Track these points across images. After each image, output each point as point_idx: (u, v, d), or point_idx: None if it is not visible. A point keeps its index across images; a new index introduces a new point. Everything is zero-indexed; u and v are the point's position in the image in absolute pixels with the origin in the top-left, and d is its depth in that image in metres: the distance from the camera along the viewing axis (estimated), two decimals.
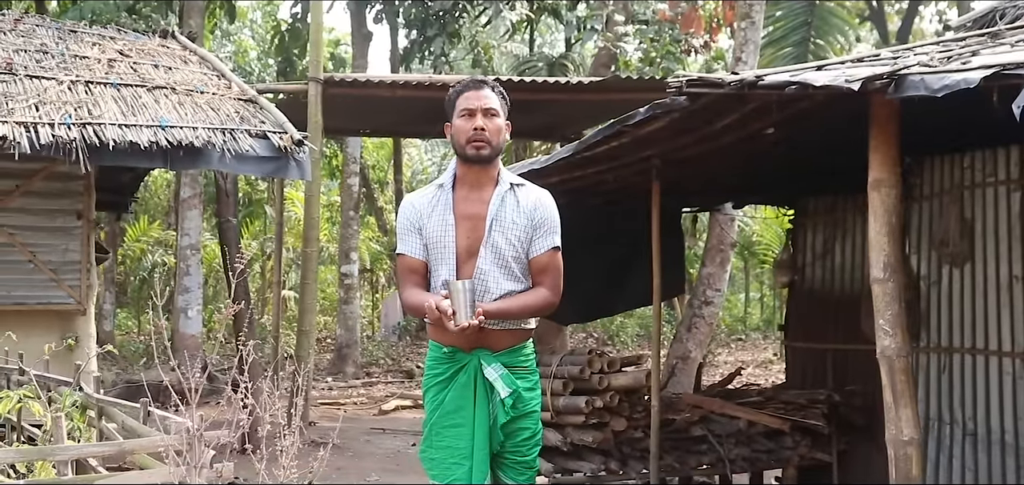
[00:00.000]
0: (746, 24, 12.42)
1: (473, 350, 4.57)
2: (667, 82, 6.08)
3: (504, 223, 4.54)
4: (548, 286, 4.63)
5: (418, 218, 4.64)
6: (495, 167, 4.63)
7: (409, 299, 4.67)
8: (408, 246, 4.65)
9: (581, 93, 12.66)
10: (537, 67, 19.96)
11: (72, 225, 8.19)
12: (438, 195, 4.64)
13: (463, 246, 4.56)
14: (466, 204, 4.59)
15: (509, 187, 4.60)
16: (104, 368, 18.33)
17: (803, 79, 5.49)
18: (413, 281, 4.65)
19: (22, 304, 8.04)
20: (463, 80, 4.76)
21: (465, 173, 4.62)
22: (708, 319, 12.63)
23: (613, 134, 6.96)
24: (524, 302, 4.58)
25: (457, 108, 4.58)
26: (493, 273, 4.52)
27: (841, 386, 9.00)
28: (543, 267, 4.61)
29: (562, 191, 8.77)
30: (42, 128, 7.20)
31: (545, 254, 4.61)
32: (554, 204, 4.69)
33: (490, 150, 4.54)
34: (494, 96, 4.63)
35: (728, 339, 26.43)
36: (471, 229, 4.56)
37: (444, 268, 4.56)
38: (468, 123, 4.51)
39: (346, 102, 12.46)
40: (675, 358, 12.50)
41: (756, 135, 6.90)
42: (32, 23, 9.50)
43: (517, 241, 4.54)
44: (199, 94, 8.33)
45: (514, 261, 4.55)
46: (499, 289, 4.53)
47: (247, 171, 8.40)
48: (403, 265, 4.70)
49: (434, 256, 4.61)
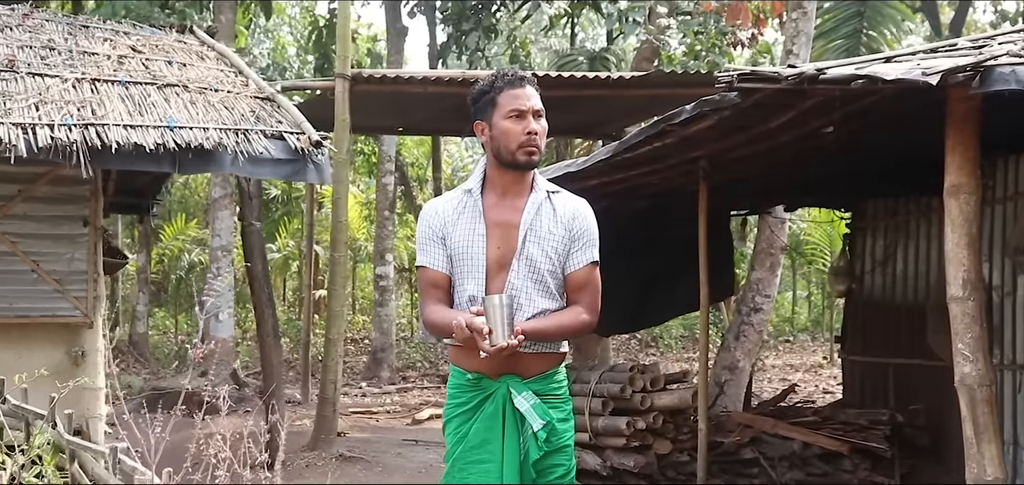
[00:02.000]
0: (798, 14, 11.74)
1: (500, 377, 4.04)
2: (716, 77, 5.53)
3: (540, 234, 4.02)
4: (585, 305, 4.09)
5: (442, 226, 4.11)
6: (530, 172, 4.09)
7: (432, 317, 4.12)
8: (430, 257, 4.12)
9: (623, 89, 12.03)
10: (577, 62, 19.38)
11: (78, 233, 7.67)
12: (465, 201, 4.11)
13: (494, 258, 4.04)
14: (498, 211, 4.06)
15: (545, 195, 4.08)
16: (133, 373, 17.98)
17: (872, 72, 4.90)
18: (436, 297, 4.12)
19: (25, 317, 7.54)
20: (500, 73, 4.18)
21: (498, 177, 4.08)
22: (757, 327, 11.95)
23: (656, 134, 6.39)
24: (561, 322, 4.05)
25: (500, 107, 4.02)
26: (527, 289, 4.01)
27: (904, 404, 8.36)
28: (581, 284, 4.08)
29: (602, 194, 8.26)
30: (41, 130, 6.67)
31: (583, 269, 4.07)
32: (593, 215, 4.15)
33: (539, 156, 4.03)
34: (537, 94, 4.09)
35: (776, 341, 25.65)
36: (503, 239, 4.04)
37: (471, 282, 4.04)
38: (518, 125, 3.96)
39: (377, 99, 11.96)
40: (722, 368, 11.83)
41: (814, 134, 6.30)
42: (41, 18, 9.03)
43: (554, 254, 4.02)
44: (213, 92, 7.78)
45: (550, 276, 4.03)
46: (533, 307, 4.01)
47: (262, 174, 7.85)
48: (425, 279, 4.17)
49: (460, 269, 4.08)
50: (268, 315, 10.48)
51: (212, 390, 13.94)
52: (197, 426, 11.89)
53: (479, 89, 4.12)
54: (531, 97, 4.02)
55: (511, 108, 3.98)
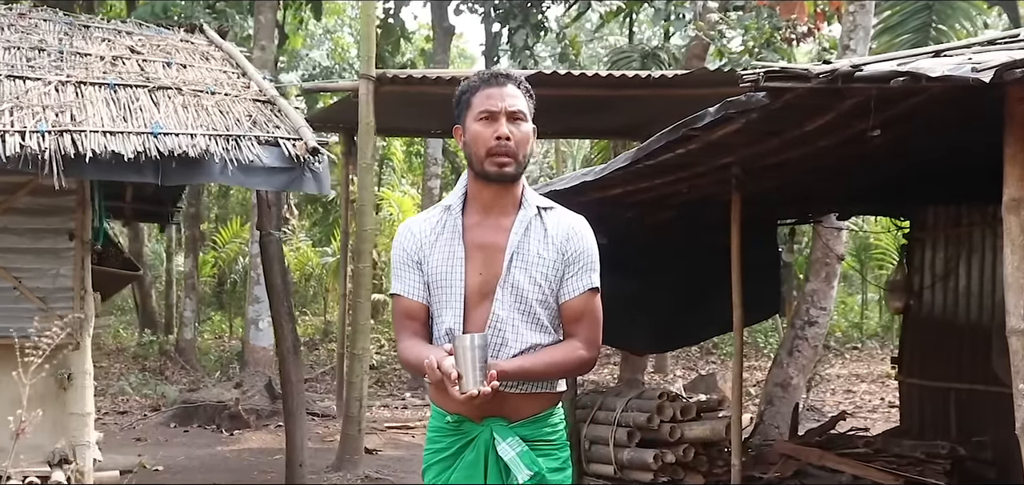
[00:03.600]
0: (855, 7, 10.97)
1: (484, 420, 3.50)
2: (740, 76, 4.89)
3: (528, 257, 3.45)
4: (583, 339, 3.52)
5: (418, 249, 3.56)
6: (518, 186, 3.52)
7: (405, 353, 3.61)
8: (404, 284, 3.58)
9: (668, 88, 11.35)
10: (631, 59, 18.70)
11: (63, 247, 7.19)
12: (444, 219, 3.56)
13: (474, 285, 3.48)
14: (479, 231, 3.52)
15: (536, 212, 3.51)
16: (170, 384, 17.63)
17: (914, 68, 4.23)
18: (411, 330, 3.58)
19: (5, 337, 6.99)
20: (479, 72, 3.63)
21: (479, 192, 3.52)
22: (812, 341, 11.18)
23: (678, 139, 5.72)
24: (551, 359, 3.48)
25: (473, 108, 3.48)
26: (512, 321, 3.46)
27: (967, 434, 7.60)
28: (577, 314, 3.50)
29: (628, 204, 7.61)
30: (11, 137, 6.15)
31: (580, 297, 3.49)
32: (591, 234, 3.58)
33: (516, 166, 3.44)
34: (521, 94, 3.51)
35: (842, 348, 24.63)
36: (485, 263, 3.49)
37: (448, 313, 3.49)
38: (488, 129, 3.42)
39: (407, 101, 11.45)
40: (774, 385, 11.09)
41: (857, 138, 5.58)
42: (38, 17, 8.58)
43: (544, 280, 3.46)
44: (209, 95, 7.24)
45: (540, 306, 3.47)
46: (520, 342, 3.46)
47: (254, 184, 7.31)
48: (398, 309, 3.63)
49: (437, 298, 3.53)
50: (288, 330, 9.91)
51: (237, 404, 13.65)
52: (224, 442, 11.47)
53: (459, 89, 3.60)
54: (507, 97, 3.45)
55: (482, 109, 3.44)
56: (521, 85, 3.54)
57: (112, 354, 21.67)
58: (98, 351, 21.74)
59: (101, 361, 20.50)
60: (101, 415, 14.54)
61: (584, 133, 17.34)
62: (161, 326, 23.21)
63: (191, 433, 12.98)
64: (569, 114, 12.25)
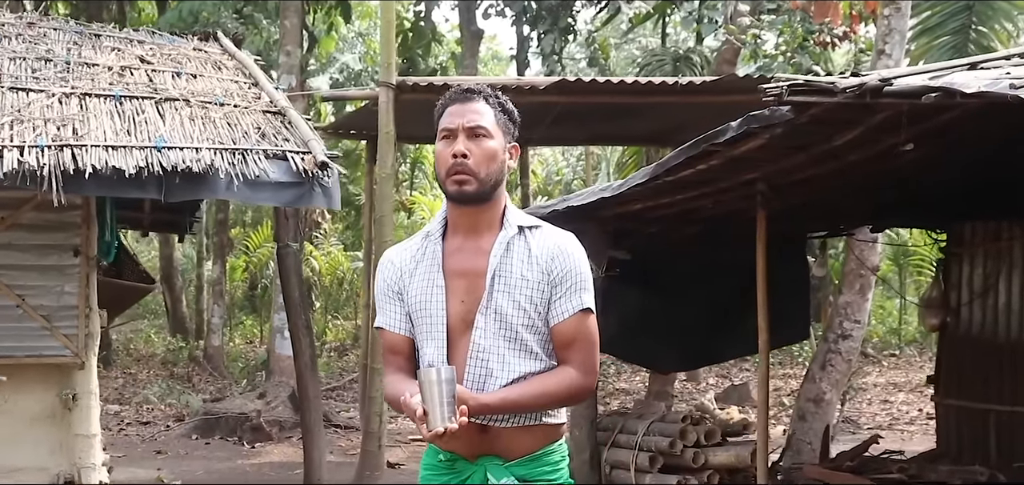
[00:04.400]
0: (890, 10, 10.59)
1: (478, 459, 3.28)
2: (762, 88, 4.61)
3: (510, 279, 3.23)
4: (577, 364, 3.26)
5: (398, 279, 3.35)
6: (496, 206, 3.28)
7: (386, 391, 3.45)
8: (386, 317, 3.37)
9: (696, 95, 11.05)
10: (663, 63, 18.40)
11: (68, 264, 7.02)
12: (424, 247, 3.35)
13: (457, 314, 3.26)
14: (460, 257, 3.29)
15: (517, 231, 3.27)
16: (197, 392, 17.49)
17: (947, 83, 3.92)
18: (395, 365, 3.37)
19: (9, 356, 6.88)
20: (451, 91, 3.40)
21: (457, 217, 3.31)
22: (845, 355, 10.81)
23: (698, 155, 5.42)
24: (541, 389, 3.23)
25: (438, 128, 3.29)
26: (497, 350, 3.22)
27: (1007, 459, 7.24)
28: (568, 338, 3.24)
29: (650, 219, 7.33)
30: (9, 152, 5.96)
31: (570, 320, 3.23)
32: (581, 250, 3.31)
33: (476, 185, 3.20)
34: (487, 110, 3.28)
35: (879, 355, 24.13)
36: (467, 290, 3.26)
37: (431, 345, 3.26)
38: (447, 149, 3.22)
39: (431, 107, 11.17)
40: (806, 400, 10.74)
41: (890, 152, 5.29)
42: (48, 26, 8.40)
43: (529, 304, 3.22)
44: (218, 107, 7.03)
45: (527, 331, 3.23)
46: (507, 372, 3.22)
47: (262, 200, 7.11)
48: (383, 344, 3.46)
49: (419, 329, 3.31)
50: (305, 344, 9.71)
51: (258, 416, 13.47)
52: (245, 455, 11.28)
53: (435, 110, 3.38)
54: (467, 113, 3.24)
55: (442, 128, 3.26)
56: (490, 100, 3.32)
57: (142, 360, 21.62)
58: (128, 357, 21.73)
59: (130, 367, 20.47)
60: (124, 425, 14.45)
61: (612, 140, 17.10)
62: (192, 331, 23.13)
63: (213, 445, 12.82)
64: (595, 121, 12.01)
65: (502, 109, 3.33)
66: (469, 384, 3.20)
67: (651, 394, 13.93)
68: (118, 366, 20.13)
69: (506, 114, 3.34)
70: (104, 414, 15.22)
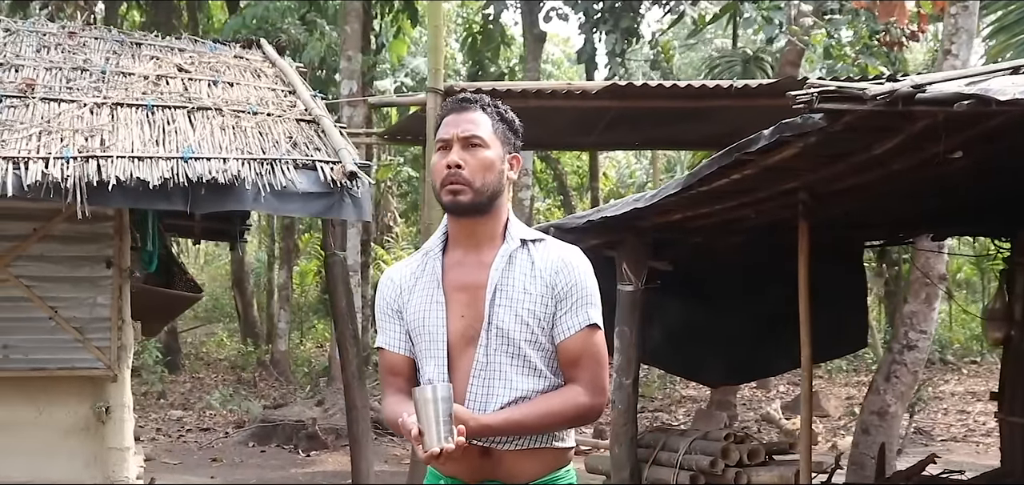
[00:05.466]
0: (958, 9, 10.19)
1: (480, 483, 3.16)
2: (791, 95, 4.39)
3: (512, 293, 3.12)
4: (584, 382, 3.13)
5: (397, 297, 3.27)
6: (496, 219, 3.18)
7: (385, 412, 3.38)
8: (386, 337, 3.29)
9: (755, 98, 10.73)
10: (732, 64, 18.07)
11: (100, 275, 6.96)
12: (424, 263, 3.25)
13: (457, 330, 3.15)
14: (460, 272, 3.20)
15: (520, 244, 3.16)
16: (261, 397, 17.55)
17: (982, 90, 3.67)
18: (395, 386, 3.27)
19: (42, 368, 6.83)
20: (448, 100, 3.35)
21: (456, 230, 3.23)
22: (911, 367, 10.44)
23: (732, 164, 5.18)
24: (546, 409, 3.10)
25: (435, 139, 3.22)
26: (500, 367, 3.11)
27: None
28: (574, 356, 3.13)
29: (691, 229, 7.08)
30: (35, 163, 5.90)
31: (576, 336, 3.12)
32: (587, 264, 3.19)
33: (471, 195, 3.10)
34: (484, 119, 3.18)
35: (959, 362, 23.41)
36: (468, 305, 3.15)
37: (430, 364, 3.16)
38: (442, 160, 3.14)
39: None
40: (870, 412, 10.39)
41: (937, 159, 5.00)
42: (89, 35, 8.40)
43: (532, 319, 3.11)
44: (251, 115, 6.92)
45: (530, 347, 3.11)
46: (509, 391, 3.10)
47: (290, 211, 7.00)
48: (382, 364, 3.34)
49: (419, 347, 3.21)
50: (352, 355, 9.62)
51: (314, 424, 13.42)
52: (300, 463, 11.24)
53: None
54: (462, 123, 3.16)
55: (438, 138, 3.20)
56: (488, 109, 3.21)
57: (211, 364, 21.80)
58: (198, 361, 21.94)
59: (199, 371, 20.64)
60: (184, 432, 14.51)
61: (670, 144, 16.81)
62: (262, 336, 23.28)
63: (268, 453, 12.83)
64: (650, 125, 11.73)
65: (501, 119, 3.22)
66: (471, 403, 3.07)
67: (713, 403, 13.67)
68: (187, 370, 20.33)
69: (505, 124, 3.23)
70: (166, 420, 15.40)
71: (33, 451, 6.99)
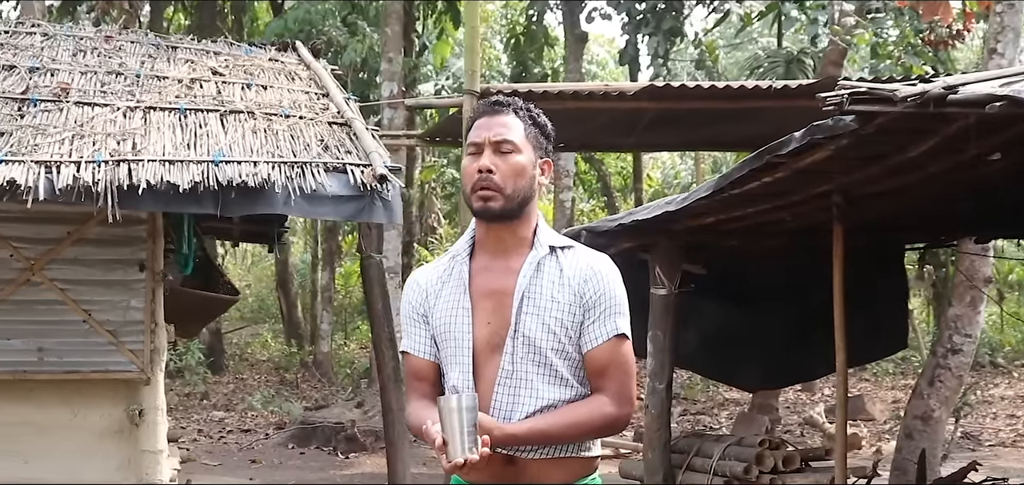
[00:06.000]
0: (1003, 7, 10.00)
1: None
2: (821, 97, 4.32)
3: (540, 301, 3.08)
4: (611, 393, 3.10)
5: (423, 301, 3.23)
6: (526, 224, 3.15)
7: (408, 419, 3.30)
8: (411, 342, 3.26)
9: (796, 99, 10.60)
10: (776, 65, 17.90)
11: (134, 278, 6.99)
12: (450, 268, 3.22)
13: (482, 336, 3.12)
14: (487, 277, 3.16)
15: (549, 251, 3.13)
16: (302, 398, 17.61)
17: (1014, 92, 3.58)
18: (419, 391, 3.24)
19: (76, 371, 6.87)
20: (480, 104, 3.32)
21: (484, 235, 3.19)
22: (955, 371, 10.26)
23: (763, 167, 5.11)
24: (573, 419, 3.07)
25: (466, 142, 3.27)
26: (527, 375, 3.08)
27: None
28: (602, 365, 3.10)
29: (725, 232, 6.99)
30: (66, 167, 5.91)
31: (604, 346, 3.09)
32: (616, 273, 3.15)
33: (502, 201, 3.07)
34: (516, 123, 3.14)
35: (1010, 366, 22.99)
36: (494, 311, 3.12)
37: (455, 370, 3.13)
38: (473, 164, 3.11)
39: None
40: (913, 417, 10.22)
41: (975, 162, 4.90)
42: (125, 39, 8.43)
43: (559, 327, 3.07)
44: (283, 118, 6.92)
45: (557, 356, 3.08)
46: (535, 399, 3.07)
47: (321, 214, 7.02)
48: (407, 369, 3.32)
49: (444, 352, 3.18)
50: (388, 357, 9.61)
51: (353, 426, 13.43)
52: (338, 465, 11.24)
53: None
54: (494, 127, 3.11)
55: (470, 141, 3.17)
56: (520, 113, 3.16)
57: (255, 365, 21.91)
58: (242, 362, 22.08)
59: (243, 372, 20.76)
60: (225, 433, 14.59)
61: (711, 145, 16.67)
62: (306, 337, 23.38)
63: (307, 455, 12.86)
64: (690, 126, 11.62)
65: (533, 123, 3.19)
66: (496, 411, 3.04)
67: (754, 407, 13.52)
68: (231, 371, 20.45)
69: (538, 128, 3.19)
70: (208, 421, 15.48)
71: (68, 453, 7.02)
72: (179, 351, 17.51)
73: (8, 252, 6.84)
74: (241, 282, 28.97)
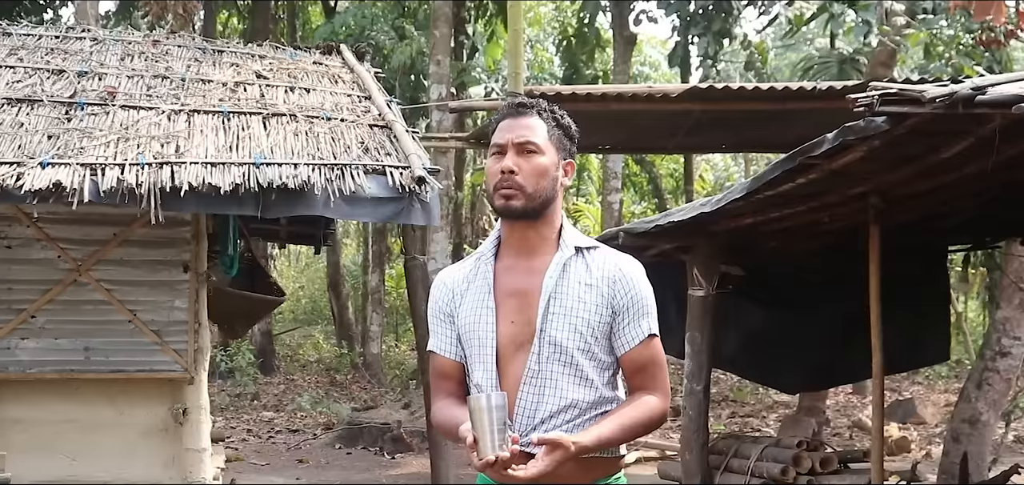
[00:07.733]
0: None
1: None
2: (850, 97, 4.33)
3: (566, 301, 3.12)
4: (654, 390, 3.18)
5: (449, 301, 3.28)
6: (550, 225, 3.19)
7: (435, 418, 3.37)
8: (437, 341, 3.31)
9: (842, 100, 10.49)
10: (828, 65, 17.74)
11: (178, 279, 7.11)
12: (476, 268, 3.25)
13: (506, 336, 3.15)
14: (512, 277, 3.19)
15: (575, 252, 3.16)
16: (351, 399, 17.71)
17: None
18: (445, 390, 3.29)
19: (121, 371, 6.99)
20: (504, 105, 3.35)
21: (507, 235, 3.22)
22: (1004, 374, 10.10)
23: (796, 168, 5.09)
24: (630, 421, 3.12)
25: (490, 143, 3.21)
26: (552, 375, 3.11)
27: None
28: (640, 365, 3.16)
29: (763, 233, 6.96)
30: (111, 170, 6.03)
31: (640, 346, 3.15)
32: (643, 273, 3.19)
33: (523, 201, 3.10)
34: (539, 125, 3.16)
35: None
36: (518, 311, 3.15)
37: (479, 369, 3.17)
38: (496, 165, 3.14)
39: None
40: (961, 420, 10.09)
41: (1014, 163, 4.86)
42: (172, 44, 8.54)
43: (586, 328, 3.11)
44: (324, 121, 6.99)
45: (582, 356, 3.11)
46: (559, 398, 3.11)
47: (360, 216, 7.07)
48: (433, 368, 3.37)
49: (469, 351, 3.22)
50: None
51: (399, 427, 13.50)
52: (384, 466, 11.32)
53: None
54: (517, 128, 3.14)
55: (493, 142, 3.18)
56: (544, 115, 3.18)
57: (306, 366, 22.07)
58: (293, 363, 22.25)
59: (293, 373, 20.93)
60: (274, 433, 14.72)
61: (757, 146, 16.56)
62: (357, 338, 23.52)
63: (354, 455, 12.94)
64: (736, 127, 11.54)
65: (557, 124, 3.21)
66: (521, 410, 3.09)
67: (801, 409, 13.39)
68: (281, 372, 20.61)
69: (561, 129, 3.22)
70: (258, 421, 15.63)
71: (113, 452, 7.17)
72: (230, 352, 17.71)
73: (56, 253, 6.99)
74: (293, 284, 29.26)
